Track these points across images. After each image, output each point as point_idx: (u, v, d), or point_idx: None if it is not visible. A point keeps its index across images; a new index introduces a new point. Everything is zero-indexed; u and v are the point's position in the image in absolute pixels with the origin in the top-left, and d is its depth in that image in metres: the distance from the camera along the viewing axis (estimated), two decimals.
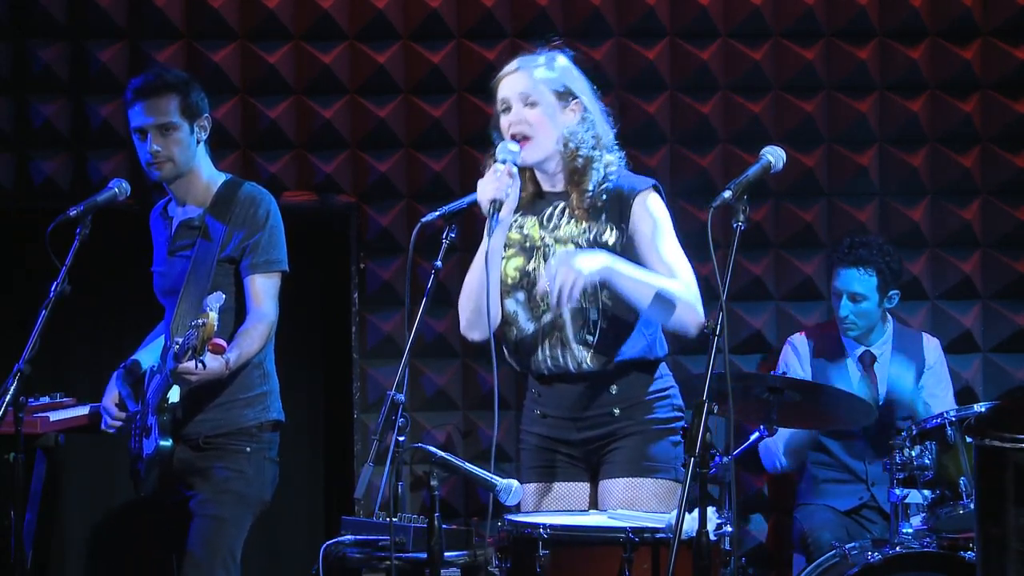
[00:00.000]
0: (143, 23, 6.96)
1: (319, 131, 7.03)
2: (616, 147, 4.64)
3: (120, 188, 5.08)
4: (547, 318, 4.55)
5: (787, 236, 7.17)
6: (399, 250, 7.04)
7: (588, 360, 4.54)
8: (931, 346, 6.63)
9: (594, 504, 4.63)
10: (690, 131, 7.11)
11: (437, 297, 4.46)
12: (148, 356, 5.22)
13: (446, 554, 4.22)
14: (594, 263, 4.36)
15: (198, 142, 5.14)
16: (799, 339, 6.63)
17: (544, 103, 4.53)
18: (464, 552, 4.38)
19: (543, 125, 4.51)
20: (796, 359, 6.56)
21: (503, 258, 4.60)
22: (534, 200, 4.65)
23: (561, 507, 4.60)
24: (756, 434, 5.76)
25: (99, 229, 4.94)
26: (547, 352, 4.56)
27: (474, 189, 4.53)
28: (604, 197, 4.53)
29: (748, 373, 6.51)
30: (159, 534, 5.59)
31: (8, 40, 6.94)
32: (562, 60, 4.64)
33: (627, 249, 4.52)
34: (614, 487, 4.54)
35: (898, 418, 6.35)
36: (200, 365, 4.67)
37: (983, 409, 5.54)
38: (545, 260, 4.56)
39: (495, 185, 4.40)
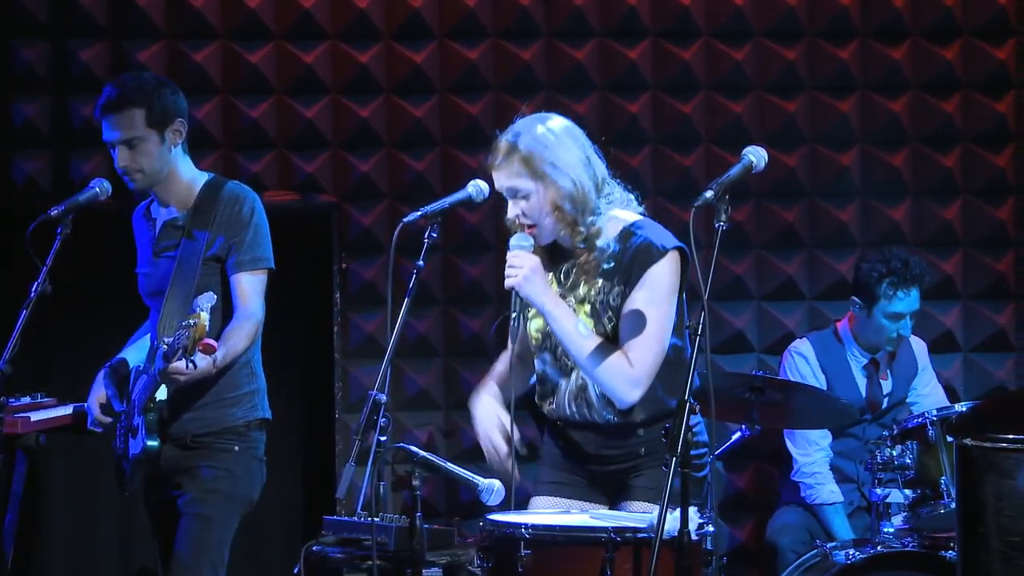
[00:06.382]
0: (125, 23, 6.95)
1: (301, 131, 7.02)
2: (607, 204, 4.52)
3: (101, 188, 5.05)
4: (574, 376, 4.52)
5: (769, 236, 7.18)
6: (381, 250, 7.03)
7: (614, 417, 4.49)
8: (920, 348, 6.61)
9: None
10: (672, 131, 7.12)
11: (419, 297, 4.46)
12: (133, 355, 5.20)
13: (427, 554, 4.22)
14: (528, 285, 4.41)
15: (173, 147, 5.06)
16: (805, 347, 6.49)
17: (532, 193, 4.46)
18: (446, 552, 4.37)
19: (538, 212, 4.47)
20: (808, 367, 6.44)
21: (528, 318, 4.60)
22: (553, 257, 4.59)
23: None
24: (738, 433, 5.78)
25: (80, 229, 4.92)
26: (574, 408, 4.53)
27: (455, 188, 4.54)
28: (611, 262, 4.45)
29: (730, 373, 6.52)
30: (145, 534, 5.58)
31: None
32: (533, 135, 4.48)
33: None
34: (634, 509, 4.45)
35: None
36: (190, 365, 4.65)
37: (964, 409, 5.56)
38: None
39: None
